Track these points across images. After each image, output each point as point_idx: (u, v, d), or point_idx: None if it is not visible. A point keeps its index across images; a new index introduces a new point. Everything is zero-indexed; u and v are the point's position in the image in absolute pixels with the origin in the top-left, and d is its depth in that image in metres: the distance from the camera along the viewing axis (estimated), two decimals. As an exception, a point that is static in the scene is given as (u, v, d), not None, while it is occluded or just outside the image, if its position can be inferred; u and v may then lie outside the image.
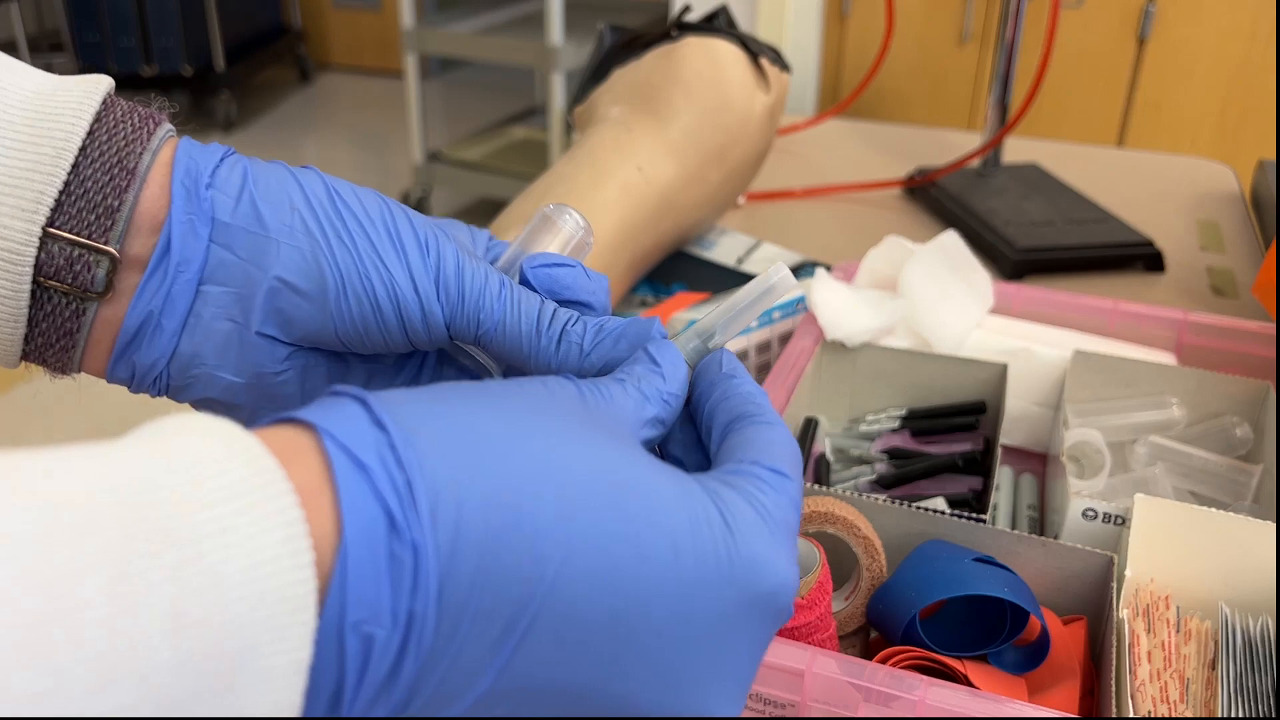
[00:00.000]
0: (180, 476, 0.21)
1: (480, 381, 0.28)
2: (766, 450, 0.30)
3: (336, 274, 0.33)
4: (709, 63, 0.90)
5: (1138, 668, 0.48)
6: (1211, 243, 1.08)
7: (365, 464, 0.23)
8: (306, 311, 0.33)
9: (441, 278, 0.34)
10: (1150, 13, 2.22)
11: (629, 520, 0.25)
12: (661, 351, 0.33)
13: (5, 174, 0.30)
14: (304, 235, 0.33)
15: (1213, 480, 0.66)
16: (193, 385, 0.34)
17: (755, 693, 0.47)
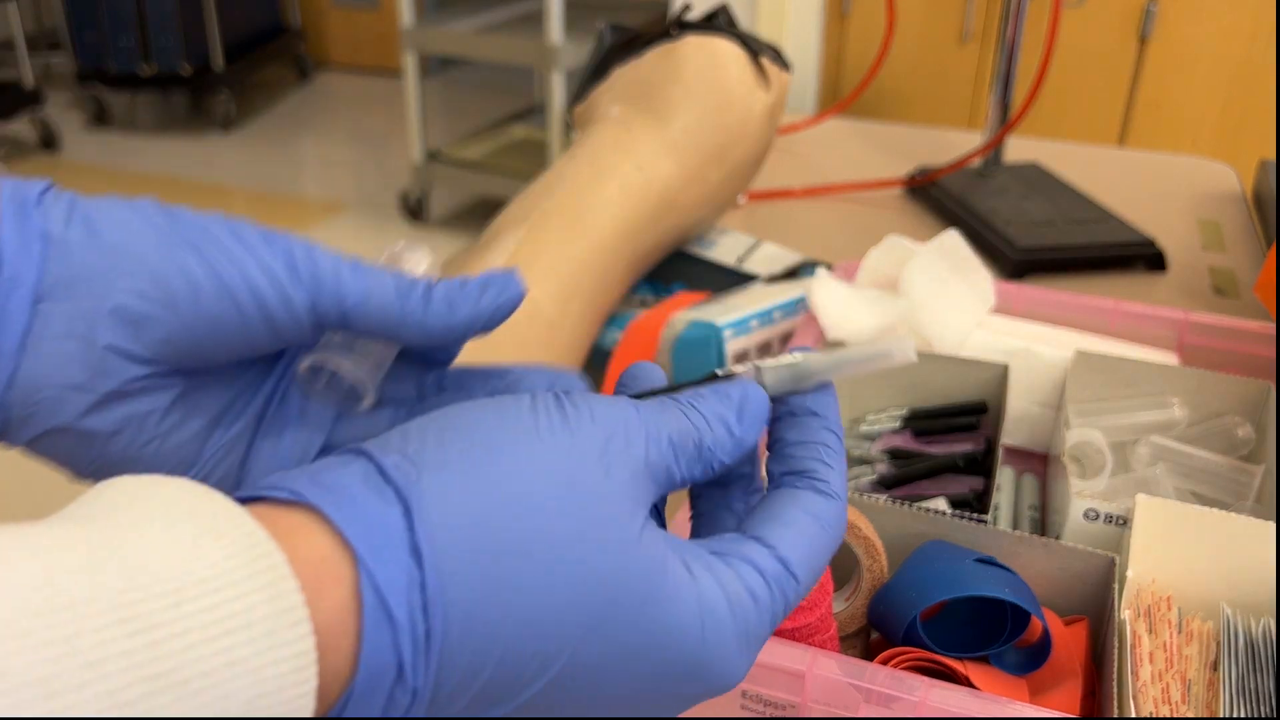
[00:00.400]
0: (192, 606, 0.20)
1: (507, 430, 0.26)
2: (798, 535, 0.30)
3: (183, 276, 0.31)
4: (709, 62, 0.90)
5: (1139, 669, 0.47)
6: (1213, 242, 1.08)
7: (395, 618, 0.23)
8: (157, 320, 0.31)
9: (295, 262, 0.32)
10: (1151, 12, 2.22)
11: (621, 642, 0.26)
12: (736, 385, 0.31)
13: None
14: (142, 243, 0.31)
15: (1214, 480, 0.66)
16: (36, 414, 0.31)
17: (756, 694, 0.47)
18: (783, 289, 0.82)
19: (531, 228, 0.73)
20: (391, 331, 0.33)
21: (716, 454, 0.30)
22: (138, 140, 3.86)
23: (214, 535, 0.21)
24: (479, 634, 0.24)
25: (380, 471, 0.24)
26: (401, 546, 0.23)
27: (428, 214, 3.22)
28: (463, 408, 0.27)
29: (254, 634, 0.21)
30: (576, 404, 0.27)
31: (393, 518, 0.24)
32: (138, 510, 0.22)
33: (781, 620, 0.29)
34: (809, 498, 0.31)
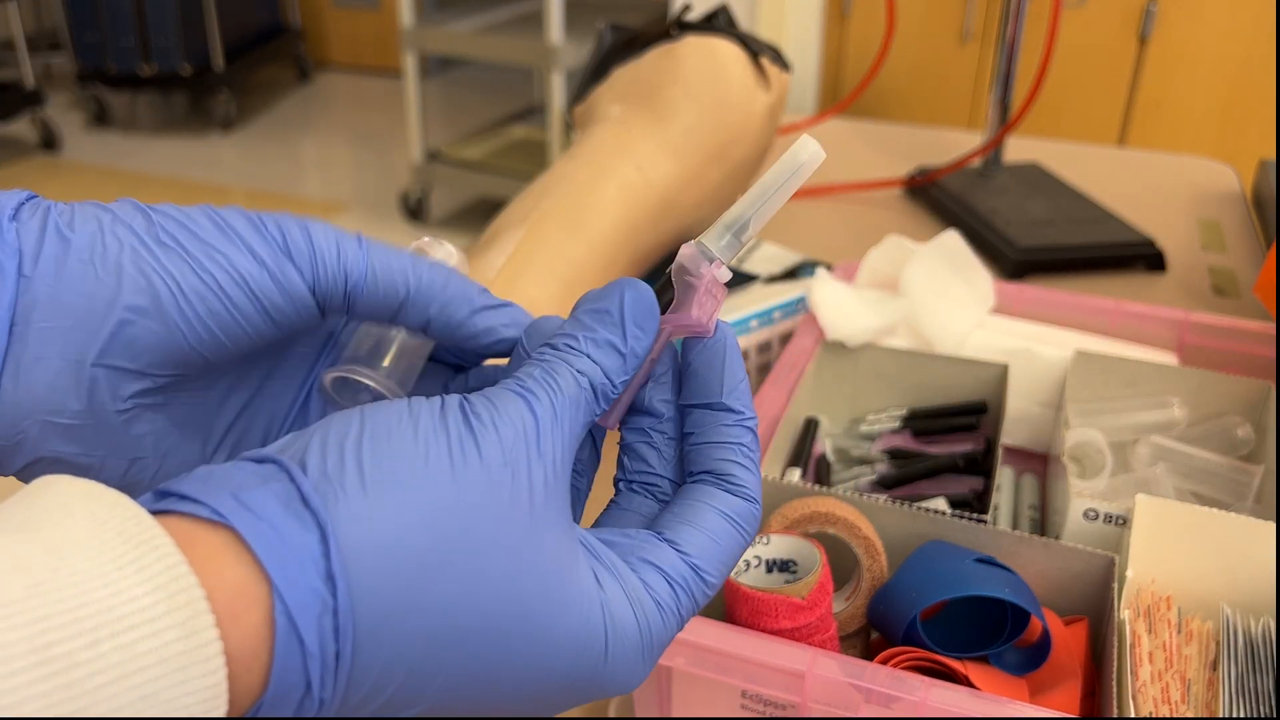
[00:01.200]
0: (109, 645, 0.21)
1: (422, 446, 0.27)
2: (711, 540, 0.30)
3: (167, 281, 0.30)
4: (709, 62, 0.90)
5: (1139, 668, 0.47)
6: (1213, 242, 1.08)
7: (306, 643, 0.24)
8: (147, 329, 0.30)
9: (291, 246, 0.31)
10: (1152, 12, 2.22)
11: (526, 652, 0.27)
12: (635, 312, 0.31)
13: None
14: (119, 252, 0.30)
15: (1214, 480, 0.66)
16: (22, 444, 0.30)
17: (756, 693, 0.47)
18: (783, 289, 0.82)
19: (531, 228, 0.73)
20: (393, 309, 0.33)
21: (613, 382, 0.31)
22: (138, 140, 3.86)
23: (137, 567, 0.22)
24: (388, 653, 0.25)
25: (301, 496, 0.25)
26: (316, 574, 0.24)
27: (428, 214, 3.22)
28: (380, 414, 0.27)
29: (168, 669, 0.21)
30: (480, 416, 0.28)
31: (310, 544, 0.24)
32: (66, 529, 0.22)
33: (689, 619, 0.30)
34: (724, 499, 0.31)
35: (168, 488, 0.25)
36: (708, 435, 0.32)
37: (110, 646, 0.21)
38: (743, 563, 0.50)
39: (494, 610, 0.26)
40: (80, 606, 0.21)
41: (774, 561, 0.51)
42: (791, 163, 0.32)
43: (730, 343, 0.33)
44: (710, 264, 0.32)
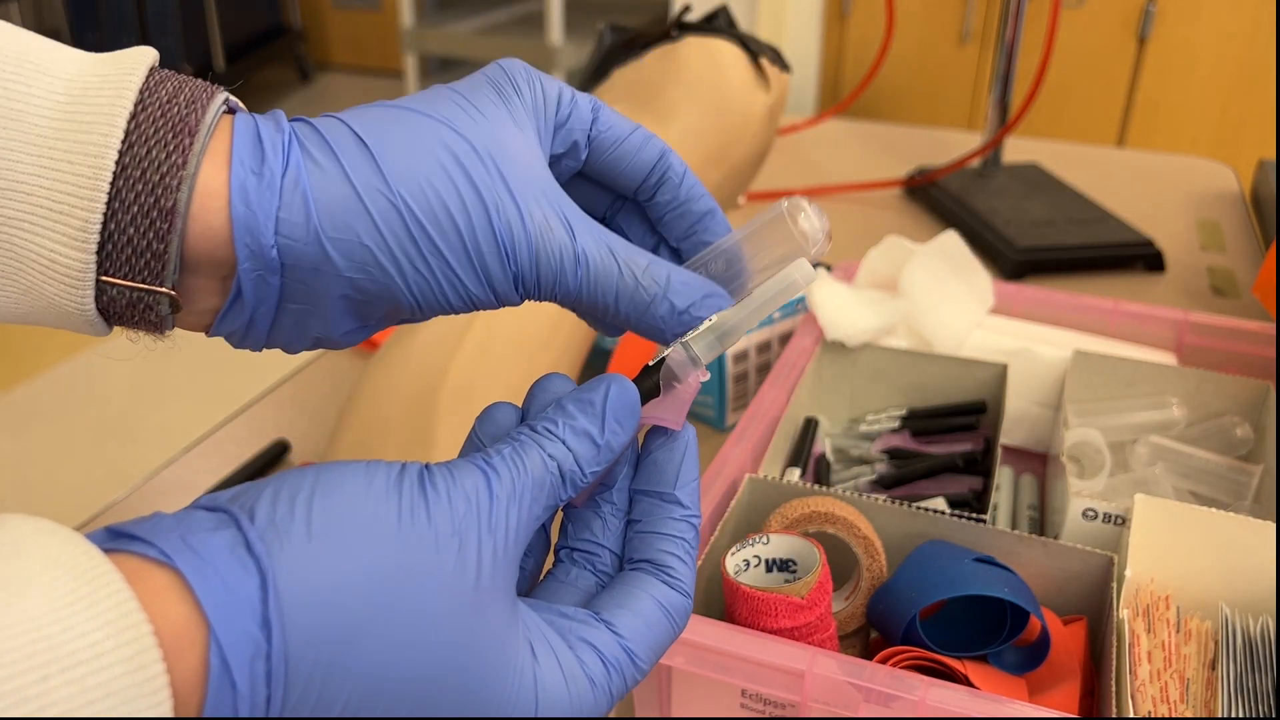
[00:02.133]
0: (59, 679, 0.22)
1: (371, 508, 0.28)
2: (645, 626, 0.32)
3: (408, 292, 0.32)
4: (709, 63, 0.90)
5: (1138, 668, 0.48)
6: (1212, 242, 1.08)
7: (237, 686, 0.24)
8: (382, 312, 0.33)
9: (520, 273, 0.33)
10: (1150, 13, 2.22)
11: (456, 713, 0.28)
12: (617, 408, 0.33)
13: (47, 196, 0.29)
14: (375, 269, 0.32)
15: (1213, 480, 0.66)
16: (287, 350, 0.35)
17: (756, 693, 0.47)
18: (782, 289, 0.82)
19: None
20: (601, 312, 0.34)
21: (584, 471, 0.32)
22: (138, 141, 3.86)
23: (87, 604, 0.23)
24: (318, 701, 0.26)
25: (246, 543, 0.26)
26: (252, 619, 0.25)
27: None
28: (336, 473, 0.28)
29: (115, 702, 0.22)
30: (437, 485, 0.29)
31: (249, 589, 0.25)
32: (19, 565, 0.23)
33: (619, 700, 0.31)
34: (661, 590, 0.32)
35: (121, 528, 0.26)
36: (654, 525, 0.34)
37: (60, 681, 0.22)
38: (742, 562, 0.50)
39: (425, 674, 0.27)
40: (31, 643, 0.22)
41: (773, 561, 0.51)
42: (784, 280, 0.35)
43: (691, 440, 0.35)
44: (696, 370, 0.34)
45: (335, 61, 4.76)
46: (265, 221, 0.30)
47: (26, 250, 0.29)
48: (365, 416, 0.67)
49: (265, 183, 0.30)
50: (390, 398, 0.66)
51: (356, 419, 0.67)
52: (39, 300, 0.30)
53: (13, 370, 2.33)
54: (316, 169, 0.31)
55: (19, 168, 0.29)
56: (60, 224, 0.29)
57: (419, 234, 0.31)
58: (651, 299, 0.34)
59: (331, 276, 0.32)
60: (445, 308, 0.33)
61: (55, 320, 0.32)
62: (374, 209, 0.31)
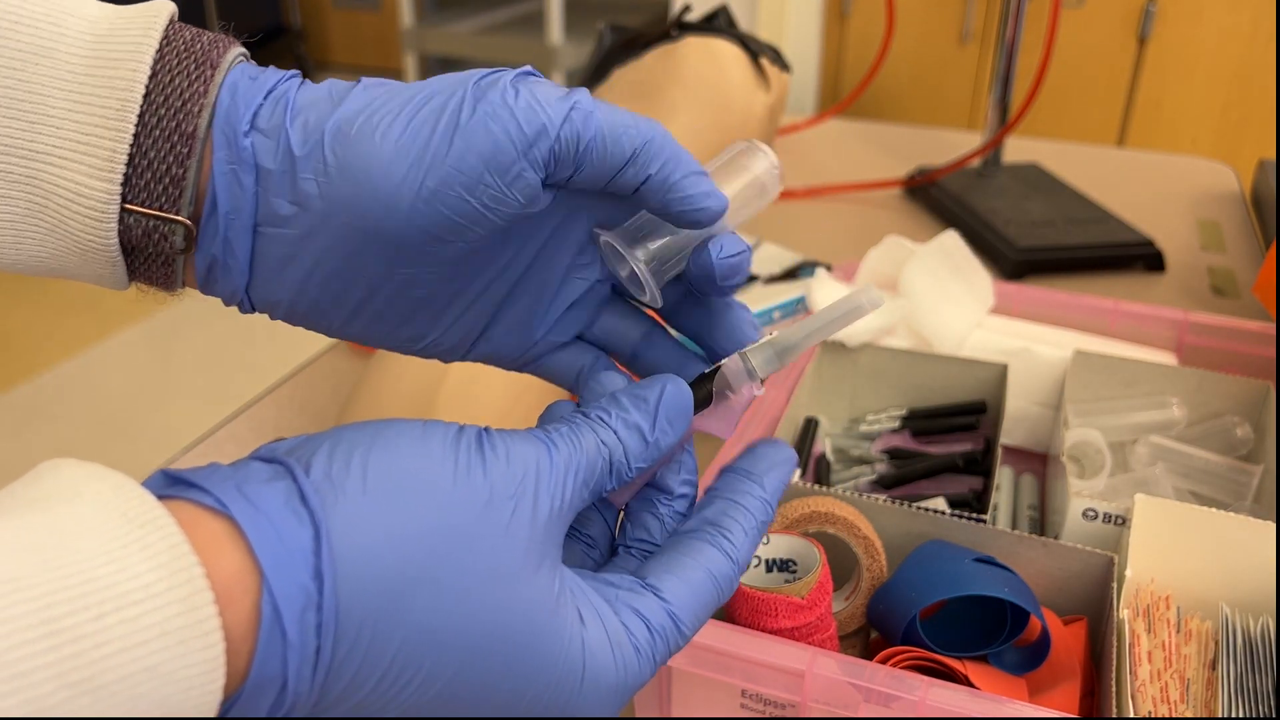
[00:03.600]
0: (114, 618, 0.22)
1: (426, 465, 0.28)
2: (692, 592, 0.31)
3: (403, 191, 0.31)
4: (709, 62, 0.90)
5: (1138, 668, 0.48)
6: (1212, 242, 1.08)
7: (288, 635, 0.25)
8: (375, 232, 0.32)
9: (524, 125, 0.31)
10: (1151, 12, 2.22)
11: (502, 679, 0.28)
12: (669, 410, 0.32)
13: (76, 128, 0.30)
14: (364, 160, 0.31)
15: (1213, 480, 0.66)
16: (275, 308, 0.34)
17: (755, 693, 0.47)
18: (783, 289, 0.82)
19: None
20: (626, 169, 0.32)
21: (631, 464, 0.31)
22: (138, 141, 3.86)
23: (141, 546, 0.23)
24: (366, 654, 0.26)
25: (301, 494, 0.26)
26: (306, 570, 0.25)
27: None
28: (394, 429, 0.28)
29: (169, 642, 0.23)
30: (495, 446, 0.29)
31: (303, 540, 0.25)
32: (73, 509, 0.23)
33: (662, 665, 0.32)
34: (713, 555, 0.32)
35: (178, 474, 0.26)
36: (731, 494, 0.34)
37: (115, 620, 0.22)
38: (742, 562, 0.50)
39: (472, 634, 0.27)
40: (86, 582, 0.22)
41: (774, 561, 0.51)
42: (850, 303, 0.34)
43: (791, 452, 0.35)
44: (750, 382, 0.34)
45: (335, 61, 4.75)
46: (244, 112, 0.31)
47: (54, 183, 0.30)
48: (365, 416, 0.67)
49: (255, 85, 0.32)
50: (390, 398, 0.66)
51: (356, 419, 0.67)
52: (64, 239, 0.31)
53: (13, 370, 2.33)
54: (308, 89, 0.32)
55: (50, 102, 0.30)
56: (88, 155, 0.30)
57: (381, 131, 0.31)
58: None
59: (316, 186, 0.31)
60: (456, 200, 0.31)
61: (77, 264, 0.32)
62: (343, 114, 0.31)
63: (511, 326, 0.36)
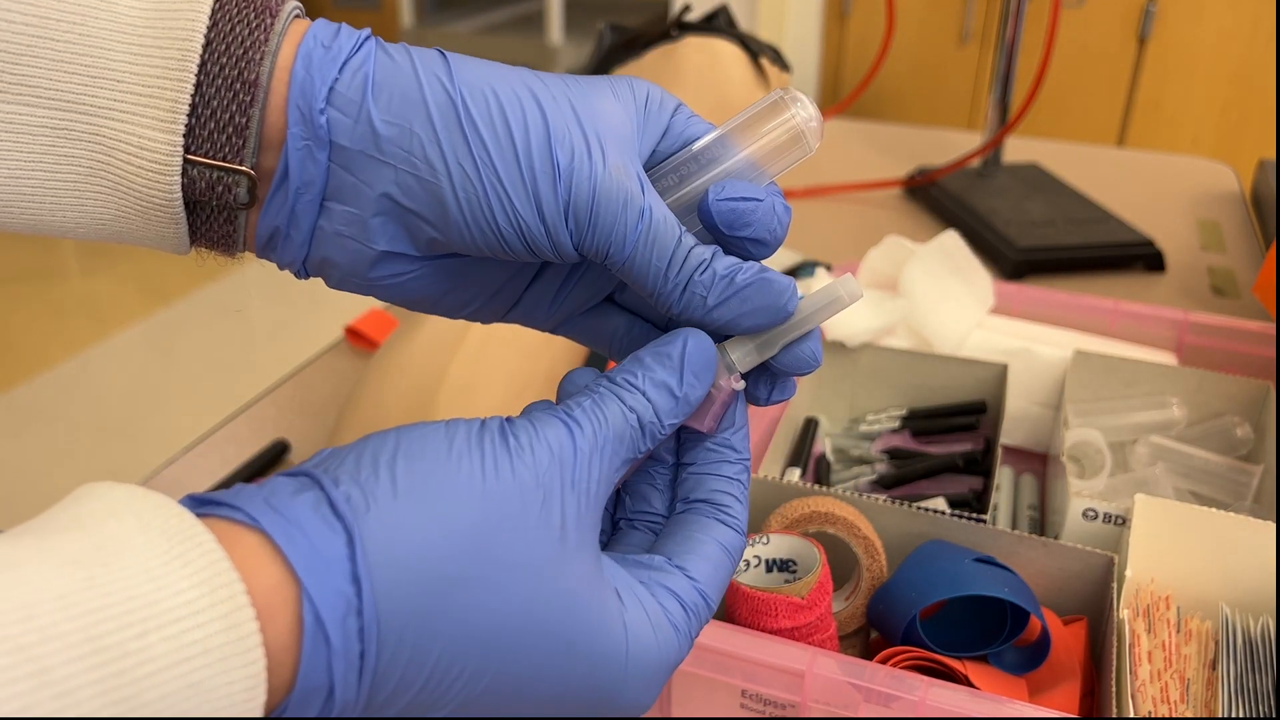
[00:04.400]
0: (156, 635, 0.22)
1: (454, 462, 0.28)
2: (714, 568, 0.32)
3: (455, 200, 0.31)
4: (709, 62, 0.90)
5: (1138, 668, 0.48)
6: (1212, 242, 1.08)
7: (331, 642, 0.25)
8: (431, 234, 0.32)
9: (572, 206, 0.31)
10: (1151, 12, 2.22)
11: (545, 674, 0.28)
12: (695, 363, 0.32)
13: (138, 82, 0.30)
14: (424, 164, 0.31)
15: (1213, 480, 0.66)
16: (329, 280, 0.34)
17: (755, 693, 0.47)
18: (782, 289, 0.82)
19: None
20: (645, 296, 0.33)
21: (664, 422, 0.31)
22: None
23: (182, 562, 0.23)
24: (411, 655, 0.26)
25: (330, 502, 0.26)
26: (343, 576, 0.25)
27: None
28: (417, 432, 0.28)
29: (211, 659, 0.23)
30: (519, 436, 0.29)
31: (337, 546, 0.25)
32: (113, 528, 0.23)
33: (703, 624, 0.32)
34: (722, 531, 0.33)
35: (204, 496, 0.26)
36: (708, 467, 0.34)
37: (158, 638, 0.22)
38: (743, 562, 0.50)
39: (516, 625, 0.27)
40: (130, 599, 0.22)
41: (774, 561, 0.51)
42: (828, 295, 0.33)
43: (742, 396, 0.35)
44: (729, 375, 0.34)
45: (335, 61, 4.75)
46: (320, 87, 0.31)
47: (116, 139, 0.30)
48: (365, 416, 0.67)
49: (330, 55, 0.31)
50: (390, 398, 0.66)
51: (356, 419, 0.67)
52: (126, 196, 0.31)
53: (13, 370, 2.33)
54: (386, 58, 0.32)
55: (111, 56, 0.30)
56: (150, 108, 0.30)
57: (470, 132, 0.31)
58: (695, 272, 0.32)
59: (378, 168, 0.31)
60: (493, 231, 0.32)
61: (140, 224, 0.32)
62: (431, 99, 0.31)
63: (541, 295, 0.37)
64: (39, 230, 0.32)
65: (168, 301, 2.54)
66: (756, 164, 0.34)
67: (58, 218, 0.32)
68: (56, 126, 0.30)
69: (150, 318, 2.53)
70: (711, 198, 0.32)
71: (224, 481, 0.73)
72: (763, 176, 0.34)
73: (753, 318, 0.33)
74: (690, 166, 0.34)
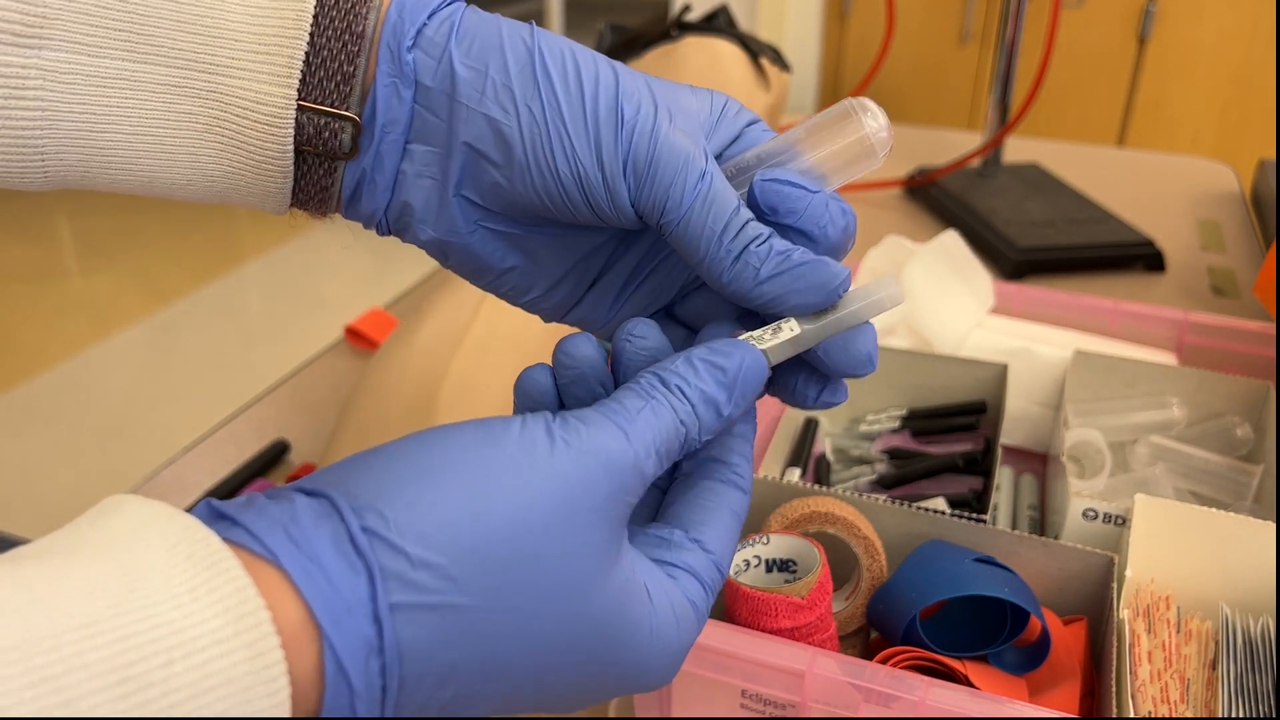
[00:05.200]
0: (181, 665, 0.22)
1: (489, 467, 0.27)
2: (728, 537, 0.32)
3: (521, 142, 0.32)
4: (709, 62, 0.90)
5: (1138, 668, 0.48)
6: (1212, 242, 1.08)
7: (353, 685, 0.25)
8: (497, 178, 0.33)
9: (632, 156, 0.32)
10: (1151, 12, 2.22)
11: (579, 678, 0.28)
12: (743, 375, 0.31)
13: (256, 40, 0.31)
14: (495, 104, 0.32)
15: (1213, 480, 0.66)
16: (405, 231, 0.35)
17: (755, 693, 0.47)
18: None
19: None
20: (694, 263, 0.33)
21: (701, 440, 0.31)
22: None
23: (208, 589, 0.23)
24: (434, 684, 0.26)
25: (351, 538, 0.25)
26: (365, 618, 0.25)
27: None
28: (447, 443, 0.27)
29: (235, 689, 0.23)
30: (570, 442, 0.28)
31: (358, 588, 0.25)
32: (139, 552, 0.23)
33: (717, 589, 0.32)
34: (730, 494, 0.33)
35: (223, 509, 0.26)
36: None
37: (183, 667, 0.22)
38: (742, 562, 0.50)
39: (545, 648, 0.27)
40: (155, 627, 0.22)
41: (774, 561, 0.51)
42: (869, 296, 0.33)
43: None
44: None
45: (335, 61, 4.75)
46: (409, 28, 0.33)
47: (233, 95, 0.31)
48: (365, 416, 0.67)
49: (423, 2, 0.33)
50: (390, 398, 0.66)
51: (356, 419, 0.67)
52: (239, 150, 0.32)
53: (13, 370, 2.33)
54: (474, 14, 0.33)
55: (229, 17, 0.31)
56: (267, 63, 0.31)
57: (543, 78, 0.32)
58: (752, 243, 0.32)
59: (457, 109, 0.33)
60: (552, 175, 0.32)
61: (250, 179, 0.33)
62: (509, 47, 0.33)
63: (603, 294, 0.37)
64: (153, 189, 0.33)
65: (168, 301, 2.54)
66: (819, 170, 0.34)
67: (173, 174, 0.33)
68: (177, 84, 0.31)
69: (150, 318, 2.53)
70: (759, 178, 0.33)
71: (224, 482, 0.73)
72: (827, 184, 0.34)
73: (801, 295, 0.32)
74: (750, 163, 0.34)
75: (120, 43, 0.30)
